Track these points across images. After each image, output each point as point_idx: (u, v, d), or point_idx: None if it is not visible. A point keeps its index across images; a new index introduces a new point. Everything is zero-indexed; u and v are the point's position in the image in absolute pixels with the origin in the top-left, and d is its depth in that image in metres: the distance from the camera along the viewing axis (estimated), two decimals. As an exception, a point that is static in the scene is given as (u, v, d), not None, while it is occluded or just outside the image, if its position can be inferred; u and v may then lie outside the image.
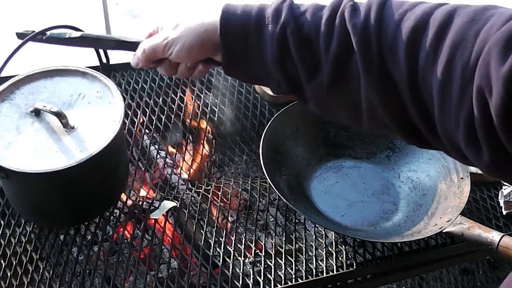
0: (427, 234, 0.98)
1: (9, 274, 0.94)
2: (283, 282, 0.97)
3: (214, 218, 1.08)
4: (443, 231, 0.97)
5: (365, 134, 1.20)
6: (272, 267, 0.99)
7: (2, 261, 0.96)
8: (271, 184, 1.01)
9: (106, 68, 1.01)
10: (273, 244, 1.04)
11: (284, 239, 1.05)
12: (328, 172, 1.18)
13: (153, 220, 1.05)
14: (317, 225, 1.10)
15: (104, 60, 0.98)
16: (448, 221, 0.98)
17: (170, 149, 1.25)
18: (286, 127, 1.16)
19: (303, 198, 1.11)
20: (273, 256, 1.01)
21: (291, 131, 1.16)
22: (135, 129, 1.24)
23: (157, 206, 1.08)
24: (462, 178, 1.06)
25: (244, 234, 1.05)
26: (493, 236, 0.93)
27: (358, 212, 1.10)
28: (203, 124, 1.30)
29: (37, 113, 0.94)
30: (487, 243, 0.93)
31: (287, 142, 1.16)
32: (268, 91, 1.33)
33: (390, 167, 1.18)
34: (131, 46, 0.78)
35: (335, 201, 1.12)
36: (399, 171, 1.17)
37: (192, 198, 1.11)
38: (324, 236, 1.06)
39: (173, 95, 1.35)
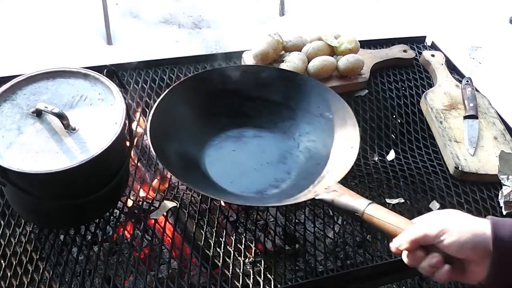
0: (300, 199, 1.00)
1: (9, 274, 0.94)
2: (283, 282, 0.97)
3: (214, 218, 1.08)
4: (316, 198, 0.98)
5: (269, 105, 1.21)
6: (272, 267, 0.99)
7: (2, 261, 0.96)
8: (154, 151, 1.00)
9: (110, 71, 1.02)
10: (273, 244, 1.05)
11: (284, 239, 1.05)
12: (227, 141, 1.18)
13: (153, 220, 1.05)
14: (317, 225, 1.10)
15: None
16: (326, 188, 0.98)
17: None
18: (184, 96, 1.15)
19: (192, 166, 1.11)
20: (273, 256, 1.02)
21: (188, 100, 1.16)
22: (135, 129, 1.25)
23: (157, 206, 1.08)
24: (352, 147, 1.08)
25: (244, 234, 1.05)
26: (360, 203, 0.93)
27: (249, 180, 1.11)
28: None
29: (38, 113, 0.95)
30: (354, 210, 0.93)
31: (183, 111, 1.15)
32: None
33: (291, 137, 1.20)
34: None
35: (228, 168, 1.13)
36: (299, 141, 1.19)
37: (192, 198, 1.11)
38: (324, 236, 1.07)
39: (173, 95, 1.35)
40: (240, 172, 1.12)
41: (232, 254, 1.01)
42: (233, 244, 1.03)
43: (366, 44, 1.56)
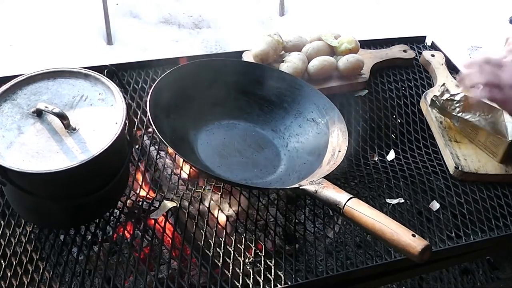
0: (284, 187, 1.07)
1: (9, 274, 0.94)
2: (283, 282, 0.97)
3: (214, 218, 1.08)
4: (300, 187, 1.00)
5: (264, 103, 1.26)
6: (272, 267, 0.99)
7: (2, 261, 0.96)
8: (152, 121, 1.02)
9: (110, 71, 1.02)
10: (273, 244, 1.05)
11: (284, 239, 1.05)
12: (219, 129, 1.22)
13: (153, 220, 1.05)
14: (317, 225, 1.10)
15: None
16: (311, 181, 1.01)
17: (170, 149, 1.25)
18: (186, 81, 1.18)
19: (185, 144, 1.15)
20: (273, 256, 1.02)
21: (188, 84, 1.19)
22: (135, 129, 1.25)
23: (157, 206, 1.08)
24: (339, 151, 1.10)
25: (244, 234, 1.05)
26: (343, 196, 0.94)
27: (236, 168, 1.15)
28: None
29: (39, 113, 0.95)
30: (335, 202, 0.94)
31: (183, 93, 1.18)
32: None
33: (281, 136, 1.23)
34: None
35: (217, 154, 1.16)
36: (288, 140, 1.22)
37: (192, 198, 1.11)
38: (324, 236, 1.07)
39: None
40: (227, 159, 1.16)
41: (232, 254, 1.01)
42: (233, 244, 1.03)
43: (366, 44, 1.56)
